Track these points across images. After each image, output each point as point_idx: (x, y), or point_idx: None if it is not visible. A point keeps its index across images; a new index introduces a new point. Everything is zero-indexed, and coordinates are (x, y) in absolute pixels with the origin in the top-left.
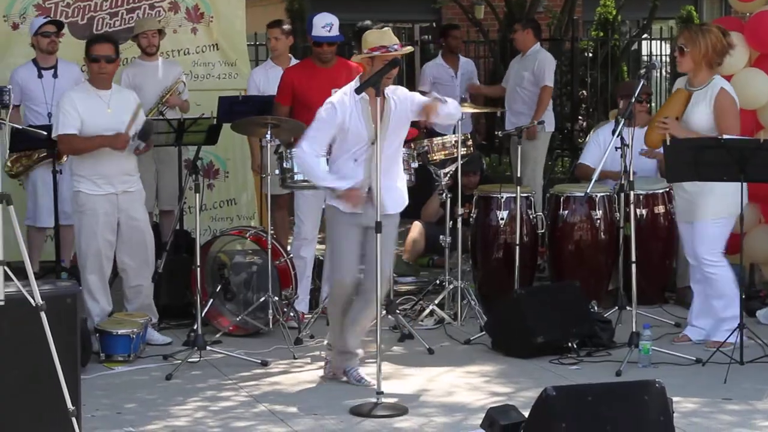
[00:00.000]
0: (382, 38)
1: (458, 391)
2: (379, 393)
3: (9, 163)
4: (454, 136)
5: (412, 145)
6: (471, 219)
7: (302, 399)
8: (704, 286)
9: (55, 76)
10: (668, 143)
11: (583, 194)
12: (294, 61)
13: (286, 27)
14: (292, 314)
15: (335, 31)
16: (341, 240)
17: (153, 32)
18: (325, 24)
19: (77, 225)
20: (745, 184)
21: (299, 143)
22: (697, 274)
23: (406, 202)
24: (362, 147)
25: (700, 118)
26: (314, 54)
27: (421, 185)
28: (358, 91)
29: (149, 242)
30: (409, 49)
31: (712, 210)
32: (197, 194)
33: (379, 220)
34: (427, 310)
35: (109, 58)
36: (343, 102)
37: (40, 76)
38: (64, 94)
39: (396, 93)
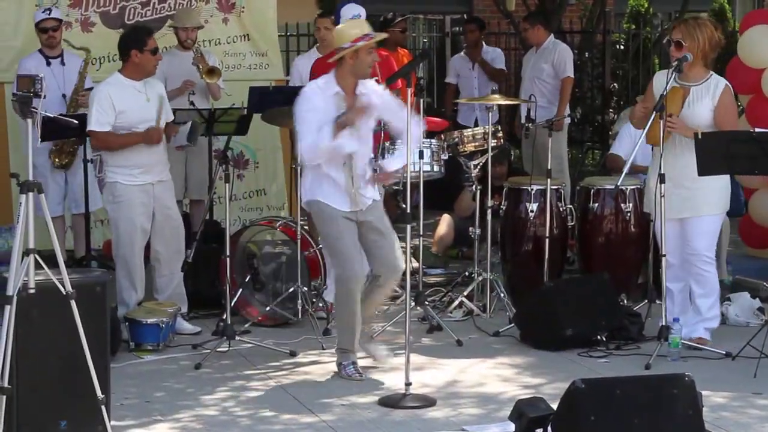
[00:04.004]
0: (363, 28)
1: (487, 382)
2: (408, 384)
3: (53, 157)
4: (484, 127)
5: (442, 136)
6: (501, 211)
7: (331, 389)
8: (685, 284)
9: (62, 64)
10: (699, 137)
11: (613, 187)
12: None
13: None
14: (320, 305)
15: None
16: (342, 234)
17: (193, 27)
18: (353, 15)
19: (113, 215)
20: (728, 178)
21: (300, 152)
22: (679, 272)
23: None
24: None
25: (703, 113)
26: None
27: (447, 177)
28: (388, 81)
29: (181, 231)
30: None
31: (714, 205)
32: (227, 184)
33: (408, 211)
34: (456, 302)
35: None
36: (315, 92)
37: (48, 64)
38: (97, 88)
39: (367, 87)
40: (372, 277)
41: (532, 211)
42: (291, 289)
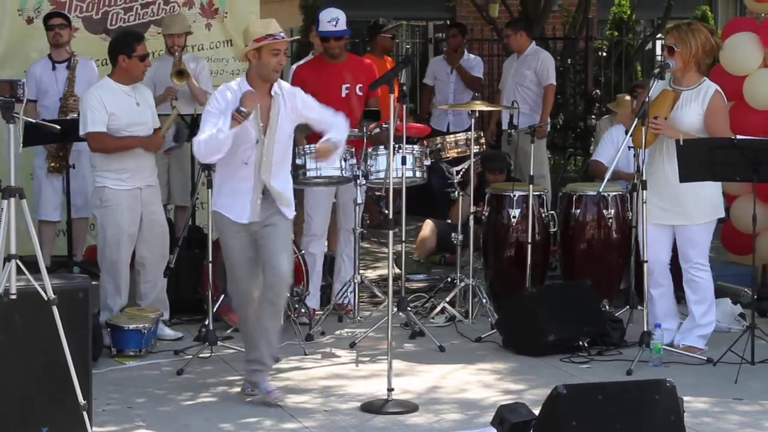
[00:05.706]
0: (267, 27)
1: (469, 388)
2: (390, 390)
3: (48, 161)
4: (467, 133)
5: (425, 142)
6: (483, 217)
7: (313, 395)
8: (666, 289)
9: (68, 68)
10: (681, 143)
11: (595, 193)
12: None
13: None
14: (303, 310)
15: (342, 26)
16: (234, 253)
17: (179, 33)
18: (331, 18)
19: (101, 220)
20: (720, 185)
21: (197, 138)
22: (659, 277)
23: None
24: (250, 147)
25: (692, 119)
26: (323, 50)
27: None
28: (371, 87)
29: (166, 236)
30: (295, 38)
31: (703, 213)
32: (209, 190)
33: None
34: (439, 308)
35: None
36: (227, 94)
37: (53, 69)
38: (88, 92)
39: (283, 89)
40: (263, 290)
41: (514, 217)
42: None
